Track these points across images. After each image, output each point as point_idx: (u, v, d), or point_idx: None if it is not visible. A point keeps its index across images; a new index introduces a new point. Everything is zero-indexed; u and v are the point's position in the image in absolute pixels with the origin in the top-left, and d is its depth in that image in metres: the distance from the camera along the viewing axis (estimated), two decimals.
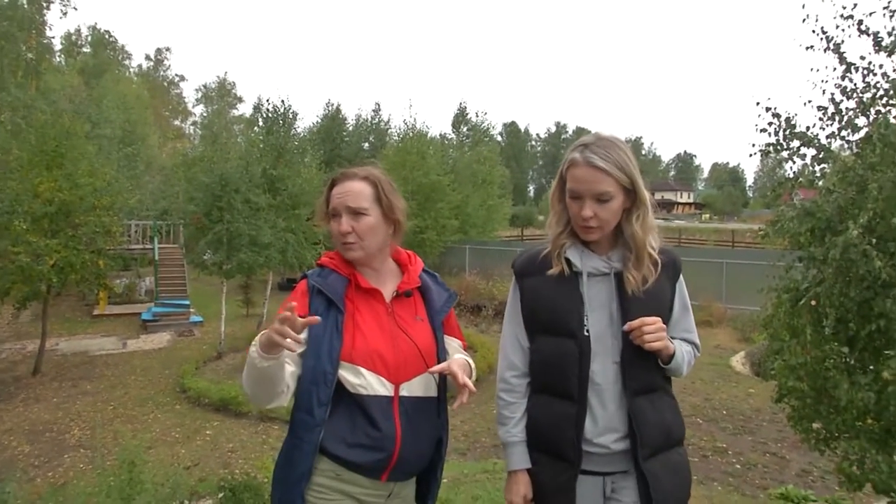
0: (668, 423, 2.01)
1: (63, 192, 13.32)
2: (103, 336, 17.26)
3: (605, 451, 1.97)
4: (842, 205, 4.84)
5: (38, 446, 10.08)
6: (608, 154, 1.90)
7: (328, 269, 2.07)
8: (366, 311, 2.04)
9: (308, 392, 1.95)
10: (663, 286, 2.02)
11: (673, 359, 1.98)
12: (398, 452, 1.97)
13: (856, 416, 4.90)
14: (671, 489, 1.96)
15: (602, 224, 1.95)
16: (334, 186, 2.08)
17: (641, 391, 1.97)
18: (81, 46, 48.81)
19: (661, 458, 1.97)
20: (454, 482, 6.41)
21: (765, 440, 9.19)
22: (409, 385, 2.02)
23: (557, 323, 2.01)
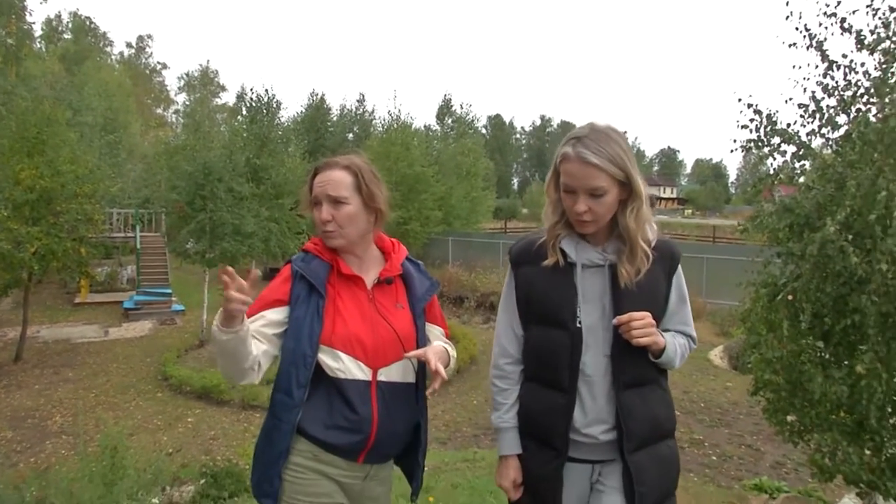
0: (657, 417, 2.01)
1: (44, 180, 13.22)
2: (85, 324, 17.17)
3: (593, 442, 1.99)
4: (821, 201, 4.93)
5: (20, 432, 10.05)
6: (600, 148, 1.88)
7: (311, 255, 2.11)
8: (347, 297, 2.08)
9: (287, 374, 1.99)
10: (658, 279, 2.01)
11: (664, 353, 1.97)
12: (375, 435, 2.02)
13: (829, 410, 5.01)
14: (656, 481, 1.97)
15: (597, 217, 1.94)
16: (317, 175, 2.12)
17: (631, 384, 1.98)
18: (62, 33, 48.18)
19: (649, 451, 1.98)
20: (435, 470, 6.48)
21: (741, 433, 9.35)
22: (388, 370, 2.07)
23: (550, 314, 2.02)
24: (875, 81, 4.93)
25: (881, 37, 4.91)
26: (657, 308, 2.00)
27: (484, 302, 18.86)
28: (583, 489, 2.05)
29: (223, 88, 64.23)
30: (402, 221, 23.80)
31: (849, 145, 4.96)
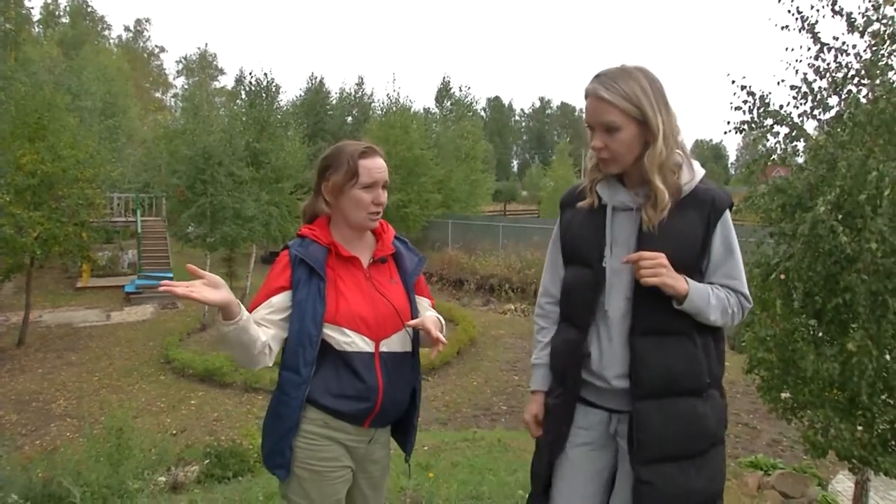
0: (674, 370, 1.90)
1: (46, 165, 13.28)
2: (87, 308, 17.28)
3: (607, 386, 1.98)
4: (812, 182, 5.00)
5: (24, 415, 10.19)
6: (615, 85, 1.87)
7: (309, 240, 2.20)
8: (347, 277, 2.19)
9: (294, 353, 2.11)
10: (692, 224, 1.92)
11: (686, 299, 1.86)
12: (380, 402, 2.16)
13: (821, 387, 5.10)
14: (665, 436, 1.90)
15: (614, 155, 1.92)
16: (364, 158, 2.19)
17: (650, 331, 1.92)
18: (60, 17, 47.93)
19: (661, 403, 1.91)
20: (434, 449, 6.60)
21: (738, 411, 9.46)
22: (388, 342, 2.20)
23: (579, 253, 2.05)
24: (865, 63, 4.99)
25: (871, 19, 4.96)
26: (687, 254, 1.92)
27: (483, 284, 18.94)
28: (600, 436, 2.04)
29: (222, 72, 63.95)
30: (402, 204, 23.83)
31: (840, 126, 5.03)
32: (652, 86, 1.88)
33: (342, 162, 2.18)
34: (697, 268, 1.94)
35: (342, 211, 2.21)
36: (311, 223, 2.27)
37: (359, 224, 2.21)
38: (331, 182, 2.19)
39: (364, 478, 2.29)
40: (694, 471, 1.92)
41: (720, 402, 2.00)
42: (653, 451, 1.90)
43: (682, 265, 1.88)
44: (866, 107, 4.78)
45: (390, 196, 20.23)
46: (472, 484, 4.57)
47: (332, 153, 2.24)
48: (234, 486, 5.49)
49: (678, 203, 1.91)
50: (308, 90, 34.81)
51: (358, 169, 2.17)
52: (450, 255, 22.35)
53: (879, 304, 4.62)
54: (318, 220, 2.26)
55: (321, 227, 2.24)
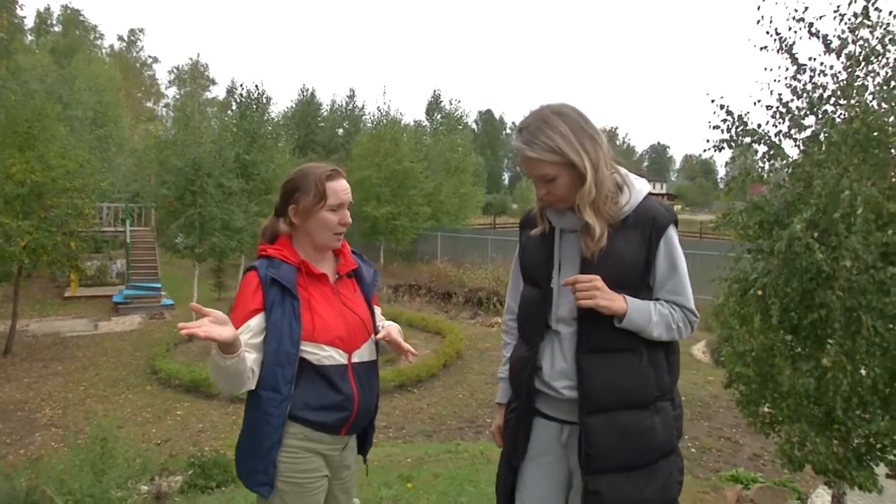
0: (620, 386, 1.99)
1: (35, 174, 13.31)
2: (74, 318, 17.24)
3: (558, 396, 2.06)
4: (789, 200, 5.11)
5: (9, 425, 10.16)
6: (536, 141, 1.95)
7: (278, 260, 2.27)
8: (318, 295, 2.29)
9: (273, 372, 2.17)
10: (633, 243, 2.00)
11: (626, 318, 1.95)
12: (356, 410, 2.28)
13: (798, 402, 5.18)
14: (613, 448, 1.99)
15: (558, 198, 2.02)
16: (330, 180, 2.28)
17: (596, 349, 2.01)
18: (52, 26, 47.95)
19: (608, 417, 1.99)
20: (418, 461, 6.65)
21: (721, 426, 9.54)
22: (359, 352, 2.33)
23: (531, 274, 2.18)
24: (841, 84, 5.11)
25: (846, 41, 5.09)
26: (630, 273, 2.01)
27: (472, 297, 18.98)
28: (553, 447, 2.12)
29: (213, 82, 64.02)
30: (391, 217, 23.95)
31: (815, 146, 5.14)
32: (572, 127, 1.96)
33: (310, 185, 2.26)
34: (643, 285, 2.03)
35: (308, 232, 2.29)
36: (271, 242, 2.33)
37: (324, 244, 2.31)
38: (300, 205, 2.27)
39: (337, 484, 2.39)
40: (643, 481, 2.01)
41: (671, 413, 2.09)
42: (601, 463, 1.99)
43: (625, 284, 1.98)
44: (841, 126, 4.90)
45: (380, 208, 20.45)
46: (451, 495, 4.63)
47: (298, 177, 2.32)
48: (217, 496, 5.53)
49: (621, 222, 2.01)
50: (299, 102, 34.92)
51: (326, 191, 2.26)
52: (438, 267, 22.40)
53: (854, 321, 4.71)
54: (281, 240, 2.33)
55: (286, 246, 2.31)
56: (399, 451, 7.66)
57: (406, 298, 19.03)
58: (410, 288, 20.00)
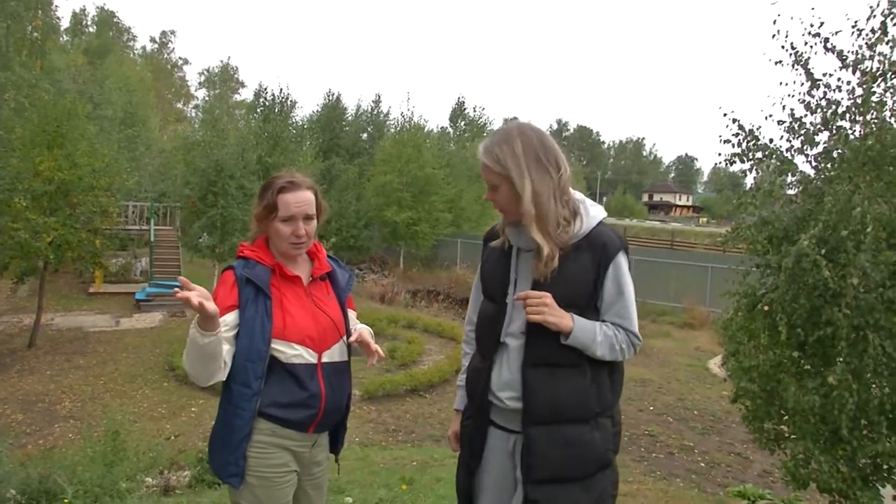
0: (560, 401, 2.08)
1: (63, 172, 13.59)
2: (97, 313, 17.52)
3: (503, 406, 2.16)
4: (799, 215, 5.10)
5: (30, 415, 10.39)
6: (491, 150, 2.12)
7: (253, 261, 2.37)
8: (290, 295, 2.37)
9: (244, 367, 2.26)
10: (583, 266, 2.09)
11: (571, 335, 2.04)
12: (323, 409, 2.34)
13: (803, 419, 5.15)
14: (552, 459, 2.07)
15: (502, 208, 2.16)
16: (283, 192, 2.36)
17: (541, 363, 2.10)
18: (87, 26, 48.88)
19: (550, 429, 2.08)
20: (422, 465, 6.71)
21: (731, 441, 9.48)
22: (329, 353, 2.40)
23: (489, 288, 2.29)
24: (856, 100, 5.08)
25: (863, 56, 5.06)
26: (578, 294, 2.10)
27: None
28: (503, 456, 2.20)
29: (242, 85, 64.86)
30: (412, 222, 24.03)
31: (828, 162, 5.13)
32: (525, 149, 2.09)
33: (265, 195, 2.37)
34: (591, 306, 2.13)
35: (271, 237, 2.40)
36: (252, 242, 2.45)
37: (283, 252, 2.39)
38: (255, 212, 2.40)
39: (308, 480, 2.46)
40: (580, 492, 2.11)
41: (610, 430, 2.19)
42: (541, 473, 2.08)
43: (573, 304, 2.08)
44: (854, 143, 4.88)
45: (401, 213, 20.46)
46: (449, 499, 4.67)
47: (263, 184, 2.44)
48: (223, 491, 5.61)
49: (574, 246, 2.10)
50: (325, 106, 35.16)
51: (277, 203, 2.34)
52: (457, 273, 22.47)
53: (861, 339, 4.68)
54: (258, 241, 2.44)
55: (262, 248, 2.42)
56: (406, 454, 7.72)
57: (423, 304, 19.11)
58: (429, 293, 20.08)
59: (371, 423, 9.86)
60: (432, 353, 13.97)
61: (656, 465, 8.52)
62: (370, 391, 10.91)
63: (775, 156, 5.39)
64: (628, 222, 59.34)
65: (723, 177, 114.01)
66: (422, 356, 13.72)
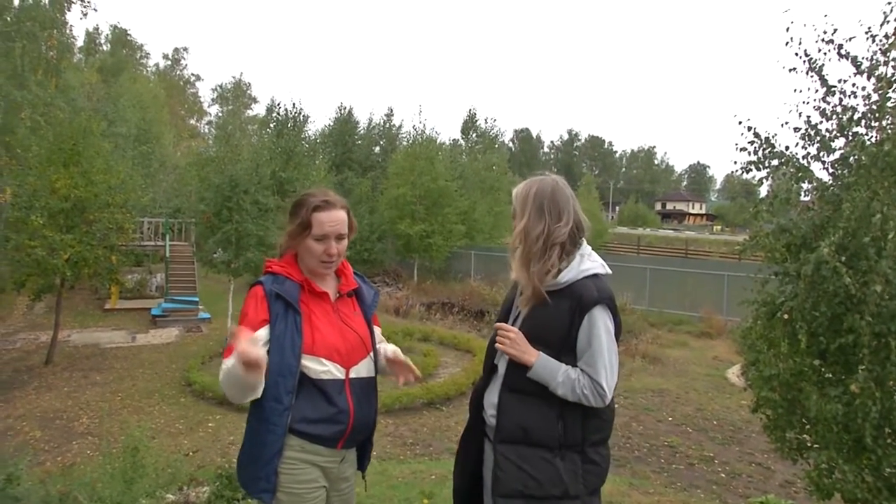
0: (526, 425, 2.31)
1: (79, 189, 13.72)
2: (114, 329, 17.62)
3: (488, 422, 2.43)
4: (817, 223, 5.06)
5: (48, 432, 10.43)
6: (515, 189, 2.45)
7: (282, 277, 2.39)
8: (318, 312, 2.40)
9: (275, 383, 2.28)
10: (559, 312, 2.31)
11: (532, 370, 2.29)
12: (352, 424, 2.37)
13: (826, 427, 5.09)
14: (515, 477, 2.28)
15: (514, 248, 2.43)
16: (318, 211, 2.38)
17: (514, 389, 2.35)
18: (101, 45, 49.46)
19: (516, 449, 2.30)
20: (441, 478, 6.67)
21: (752, 451, 9.38)
22: (357, 368, 2.43)
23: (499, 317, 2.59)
24: (872, 106, 5.05)
25: (877, 62, 5.04)
26: (549, 335, 2.32)
27: None
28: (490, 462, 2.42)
29: (254, 100, 65.37)
30: (425, 235, 24.04)
31: (845, 168, 5.09)
32: (535, 197, 2.37)
33: (299, 213, 2.39)
34: (566, 349, 2.32)
35: (301, 254, 2.42)
36: (281, 258, 2.44)
37: (312, 270, 2.40)
38: (288, 229, 2.42)
39: (336, 495, 2.48)
40: None
41: (580, 465, 2.32)
42: (505, 487, 2.28)
43: (544, 343, 2.31)
44: (871, 149, 4.84)
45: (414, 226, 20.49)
46: None
47: (297, 201, 2.46)
48: None
49: (557, 292, 2.32)
50: (337, 119, 35.33)
51: (311, 221, 2.37)
52: (472, 285, 22.43)
53: (883, 346, 4.63)
54: (287, 257, 2.44)
55: (291, 264, 2.43)
56: (424, 467, 7.68)
57: (438, 316, 19.09)
58: (443, 306, 20.06)
59: (388, 437, 9.83)
60: (448, 366, 13.94)
61: (676, 476, 8.44)
62: (387, 405, 10.89)
63: (791, 163, 5.36)
64: (641, 231, 59.13)
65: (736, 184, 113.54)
66: (438, 369, 13.69)
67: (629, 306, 18.91)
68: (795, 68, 5.39)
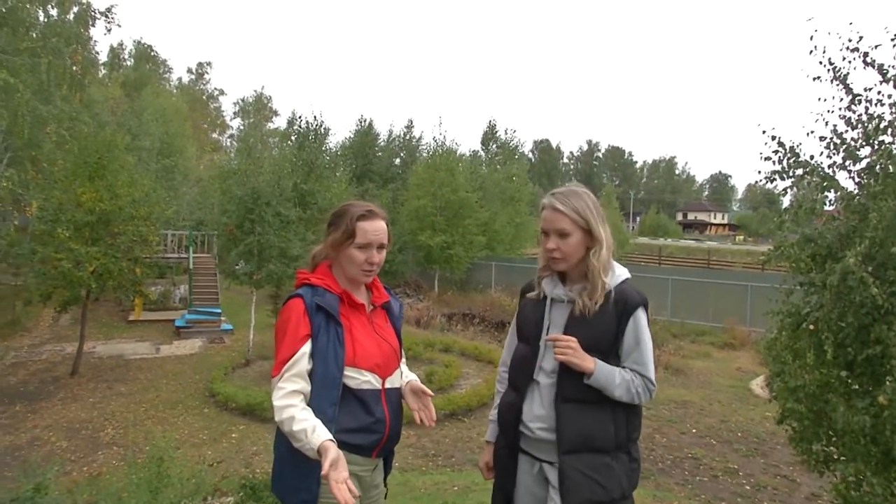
0: (589, 433, 2.37)
1: (104, 202, 13.91)
2: (138, 341, 17.80)
3: (532, 435, 2.44)
4: (843, 232, 5.01)
5: (74, 442, 10.55)
6: (567, 200, 2.40)
7: (321, 289, 2.42)
8: (357, 324, 2.44)
9: (320, 395, 2.31)
10: (609, 317, 2.40)
11: (593, 377, 2.33)
12: (388, 433, 2.43)
13: (853, 440, 5.02)
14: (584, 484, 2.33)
15: (564, 255, 2.42)
16: (362, 220, 2.43)
17: (571, 399, 2.38)
18: (124, 60, 50.19)
19: (582, 458, 2.35)
20: (463, 490, 6.67)
21: (777, 463, 9.26)
22: (391, 379, 2.49)
23: (524, 333, 2.58)
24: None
25: None
26: (602, 340, 2.40)
27: None
28: (529, 478, 2.48)
29: (276, 113, 65.89)
30: (446, 246, 24.07)
31: (871, 177, 5.04)
32: (595, 205, 2.44)
33: (343, 222, 2.42)
34: (613, 352, 2.42)
35: (341, 264, 2.46)
36: (313, 269, 2.47)
37: (353, 278, 2.45)
38: (332, 238, 2.44)
39: (367, 503, 2.52)
40: None
41: (627, 464, 2.45)
42: (574, 497, 2.33)
43: (597, 349, 2.37)
44: None
45: (435, 237, 20.54)
46: None
47: (338, 211, 2.51)
48: None
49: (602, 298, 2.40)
50: (357, 132, 35.56)
51: (355, 230, 2.42)
52: (493, 296, 22.40)
53: None
54: (321, 268, 2.47)
55: (327, 275, 2.46)
56: (447, 479, 7.68)
57: (459, 327, 19.08)
58: (464, 317, 20.04)
59: (410, 448, 9.83)
60: (469, 377, 13.92)
61: (700, 488, 8.35)
62: (408, 416, 10.83)
63: (816, 172, 5.32)
64: (662, 242, 58.76)
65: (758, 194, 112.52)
66: (459, 380, 13.67)
67: (651, 317, 18.70)
68: (820, 77, 5.34)
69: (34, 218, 15.76)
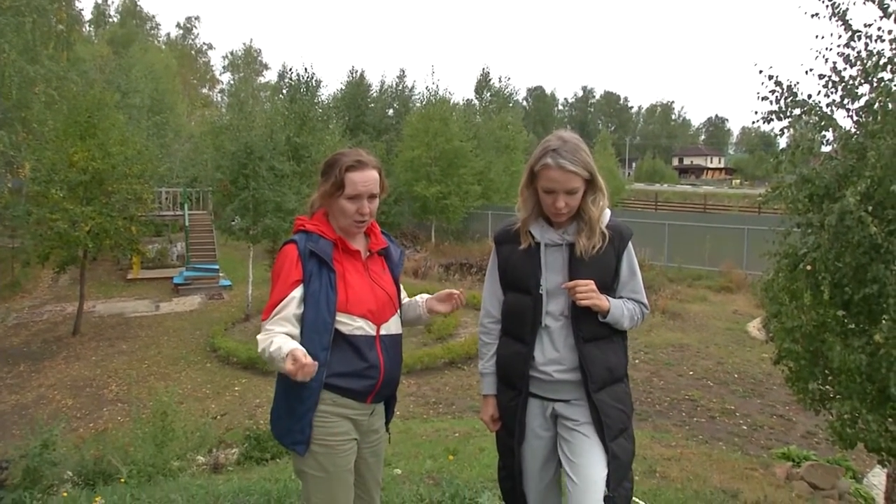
0: (612, 365, 2.47)
1: (96, 161, 13.82)
2: (137, 299, 17.88)
3: (549, 378, 2.45)
4: (841, 172, 4.97)
5: (79, 400, 10.70)
6: (575, 157, 2.35)
7: (316, 235, 2.41)
8: (351, 269, 2.43)
9: (311, 339, 2.33)
10: (609, 255, 2.46)
11: (609, 314, 2.40)
12: (382, 379, 2.43)
13: (849, 378, 5.07)
14: (616, 414, 2.45)
15: (571, 210, 2.42)
16: (351, 171, 2.39)
17: (590, 339, 2.43)
18: (110, 17, 49.21)
19: (608, 391, 2.45)
20: (465, 436, 6.77)
21: (773, 403, 9.40)
22: (386, 325, 2.48)
23: (520, 282, 2.52)
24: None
25: None
26: (607, 278, 2.46)
27: None
28: (541, 421, 2.52)
29: (266, 67, 64.88)
30: (441, 196, 23.99)
31: (870, 115, 4.98)
32: (589, 153, 2.44)
33: (332, 172, 2.40)
34: (611, 287, 2.50)
35: (333, 213, 2.44)
36: (311, 216, 2.48)
37: (345, 228, 2.43)
38: (322, 189, 2.43)
39: (367, 447, 2.55)
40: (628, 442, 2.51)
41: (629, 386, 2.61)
42: (613, 431, 2.42)
43: (603, 286, 2.42)
44: None
45: (430, 188, 20.36)
46: (493, 468, 4.70)
47: (329, 160, 2.48)
48: (272, 467, 5.73)
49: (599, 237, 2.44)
50: (349, 84, 35.04)
51: (344, 181, 2.39)
52: (489, 245, 22.35)
53: None
54: (318, 215, 2.47)
55: (323, 222, 2.45)
56: (448, 426, 7.79)
57: (457, 277, 19.13)
58: (461, 266, 20.08)
59: (411, 397, 9.96)
60: (468, 326, 14.04)
61: (698, 428, 8.50)
62: (409, 365, 11.01)
63: (814, 111, 5.25)
64: (659, 187, 58.59)
65: (754, 137, 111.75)
66: (458, 329, 13.81)
67: (648, 262, 18.84)
68: (818, 13, 5.24)
69: (27, 179, 15.64)
